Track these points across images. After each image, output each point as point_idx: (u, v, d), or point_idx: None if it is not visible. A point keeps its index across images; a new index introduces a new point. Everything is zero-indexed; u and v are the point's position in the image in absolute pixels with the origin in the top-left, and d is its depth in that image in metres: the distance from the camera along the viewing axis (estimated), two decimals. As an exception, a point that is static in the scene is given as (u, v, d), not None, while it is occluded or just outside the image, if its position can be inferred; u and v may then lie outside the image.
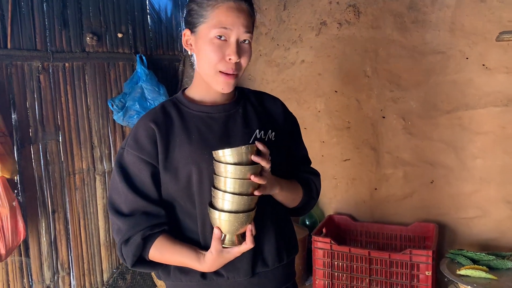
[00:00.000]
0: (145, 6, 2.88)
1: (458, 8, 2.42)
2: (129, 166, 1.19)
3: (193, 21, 1.19)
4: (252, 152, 1.09)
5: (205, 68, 1.18)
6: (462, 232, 2.55)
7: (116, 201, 1.20)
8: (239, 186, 1.08)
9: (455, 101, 2.49)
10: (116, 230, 1.20)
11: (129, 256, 1.18)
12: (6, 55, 2.20)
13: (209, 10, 1.16)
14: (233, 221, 1.08)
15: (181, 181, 1.18)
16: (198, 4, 1.18)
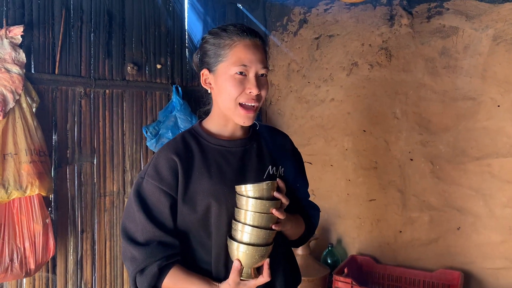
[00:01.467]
0: (184, 39, 3.02)
1: (490, 56, 2.43)
2: (148, 196, 1.22)
3: (211, 61, 1.27)
4: (273, 189, 1.15)
5: (226, 102, 1.24)
6: (488, 282, 2.47)
7: (131, 229, 1.23)
8: (260, 220, 1.13)
9: (485, 148, 2.47)
10: (129, 259, 1.21)
11: (144, 285, 1.20)
12: (54, 80, 2.35)
13: (227, 50, 1.24)
14: (253, 254, 1.12)
15: (198, 213, 1.22)
16: (215, 45, 1.27)
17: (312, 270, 2.69)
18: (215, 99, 1.30)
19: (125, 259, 1.24)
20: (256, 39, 1.26)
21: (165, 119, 2.72)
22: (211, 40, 1.29)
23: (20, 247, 2.10)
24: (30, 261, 2.12)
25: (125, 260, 1.23)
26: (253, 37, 1.26)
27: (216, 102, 1.31)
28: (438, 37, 2.61)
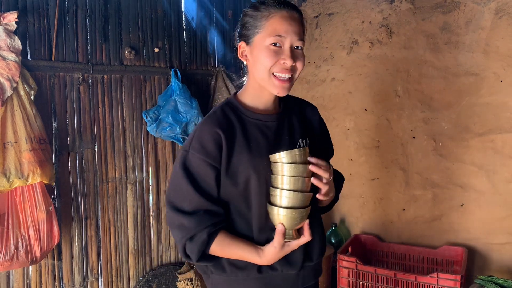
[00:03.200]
0: (182, 22, 2.98)
1: (493, 30, 2.40)
2: (194, 168, 1.26)
3: (248, 33, 1.30)
4: (305, 154, 1.22)
5: (261, 73, 1.27)
6: (492, 258, 2.48)
7: (177, 199, 1.26)
8: (297, 183, 1.20)
9: (488, 123, 2.45)
10: (178, 227, 1.25)
11: (195, 251, 1.25)
12: (50, 67, 2.32)
13: (263, 21, 1.26)
14: (294, 216, 1.20)
15: (239, 185, 1.27)
16: (252, 17, 1.29)
17: (316, 250, 2.69)
18: (250, 71, 1.34)
19: (172, 227, 1.28)
20: (293, 12, 1.28)
21: (164, 104, 2.70)
22: (249, 13, 1.32)
23: (24, 235, 2.11)
24: (35, 249, 2.13)
25: (172, 229, 1.28)
26: (290, 9, 1.28)
27: (251, 74, 1.34)
28: (439, 12, 2.57)
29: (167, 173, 2.88)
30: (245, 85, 1.39)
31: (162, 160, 2.86)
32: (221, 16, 3.25)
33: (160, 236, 2.87)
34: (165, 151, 2.87)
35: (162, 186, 2.86)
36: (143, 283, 2.73)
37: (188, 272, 2.75)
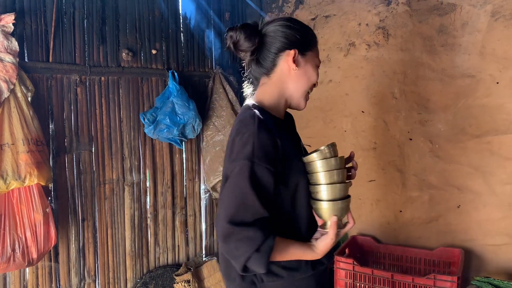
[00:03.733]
0: (179, 24, 2.98)
1: (489, 33, 2.41)
2: (260, 179, 1.23)
3: (305, 45, 1.39)
4: (334, 149, 1.35)
5: (302, 86, 1.40)
6: (489, 259, 2.49)
7: (239, 212, 1.21)
8: (341, 175, 1.33)
9: (484, 125, 2.46)
10: (240, 240, 1.19)
11: (263, 262, 1.21)
12: (48, 68, 2.32)
13: (314, 42, 1.42)
14: (344, 206, 1.33)
15: (290, 188, 1.32)
16: (307, 32, 1.41)
17: (313, 252, 2.70)
18: (284, 80, 1.39)
19: (231, 242, 1.21)
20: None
21: (162, 105, 2.70)
22: (301, 24, 1.40)
23: (21, 237, 2.10)
24: (32, 251, 2.12)
25: (232, 243, 1.21)
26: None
27: (283, 83, 1.40)
28: (435, 14, 2.58)
29: (164, 175, 2.88)
30: (264, 92, 1.42)
31: (160, 162, 2.86)
32: (219, 18, 3.26)
33: (158, 238, 2.87)
34: (163, 153, 2.88)
35: (160, 188, 2.86)
36: (140, 285, 2.73)
37: (186, 274, 2.75)
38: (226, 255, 1.26)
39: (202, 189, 3.15)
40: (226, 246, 1.22)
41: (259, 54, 1.41)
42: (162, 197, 2.88)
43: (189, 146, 3.04)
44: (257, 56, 1.41)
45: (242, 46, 1.38)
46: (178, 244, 2.99)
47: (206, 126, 3.01)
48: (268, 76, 1.41)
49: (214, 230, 3.23)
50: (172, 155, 2.94)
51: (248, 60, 1.44)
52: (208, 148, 3.01)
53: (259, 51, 1.40)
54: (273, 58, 1.38)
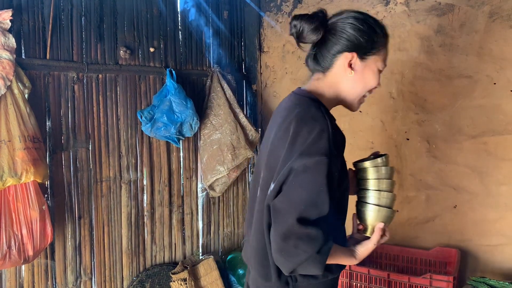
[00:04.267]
0: (177, 22, 2.98)
1: (486, 33, 2.42)
2: (333, 176, 1.18)
3: (365, 48, 1.30)
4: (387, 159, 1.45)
5: (359, 90, 1.34)
6: (484, 259, 2.50)
7: (308, 210, 1.16)
8: (391, 185, 1.39)
9: (481, 126, 2.47)
10: (307, 240, 1.14)
11: (322, 263, 1.18)
12: (45, 65, 2.31)
13: (381, 44, 1.31)
14: (391, 217, 1.37)
15: (341, 188, 1.30)
16: (377, 36, 1.30)
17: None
18: (340, 82, 1.34)
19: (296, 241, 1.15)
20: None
21: (159, 103, 2.70)
22: (371, 24, 1.32)
23: (17, 234, 2.10)
24: (28, 248, 2.12)
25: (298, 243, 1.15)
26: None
27: (340, 85, 1.35)
28: (433, 15, 2.58)
29: (161, 173, 2.88)
30: (318, 87, 1.37)
31: (157, 160, 2.86)
32: (217, 16, 3.25)
33: (154, 236, 2.86)
34: (160, 151, 2.87)
35: (157, 186, 2.86)
36: (137, 283, 2.73)
37: (182, 272, 2.75)
38: (279, 252, 1.18)
39: (199, 187, 3.15)
40: (283, 244, 1.16)
41: (318, 50, 1.35)
42: (159, 195, 2.88)
43: (186, 144, 3.04)
44: (316, 51, 1.36)
45: (305, 38, 1.32)
46: (175, 243, 2.99)
47: (203, 125, 3.01)
48: (323, 74, 1.37)
49: (210, 229, 3.23)
50: (170, 153, 2.94)
51: (307, 56, 1.41)
52: (206, 147, 3.01)
53: (319, 47, 1.35)
54: (330, 59, 1.33)
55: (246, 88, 3.47)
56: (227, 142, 2.95)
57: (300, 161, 1.17)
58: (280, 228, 1.16)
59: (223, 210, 3.33)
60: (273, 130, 1.34)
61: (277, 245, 1.18)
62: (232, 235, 3.42)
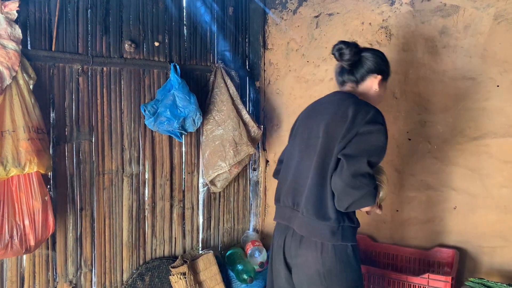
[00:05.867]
0: (182, 16, 2.98)
1: (491, 36, 2.42)
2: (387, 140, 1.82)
3: (386, 76, 2.03)
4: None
5: (374, 101, 1.99)
6: (483, 260, 2.51)
7: (374, 157, 1.77)
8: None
9: (483, 128, 2.47)
10: (370, 178, 1.75)
11: (375, 196, 1.78)
12: (50, 57, 2.32)
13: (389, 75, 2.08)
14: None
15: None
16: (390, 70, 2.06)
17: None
18: (366, 92, 2.00)
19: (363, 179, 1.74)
20: None
21: (163, 98, 2.71)
22: (388, 60, 2.03)
23: (19, 224, 2.11)
24: (30, 238, 2.13)
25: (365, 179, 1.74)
26: None
27: (365, 94, 2.00)
28: (438, 16, 2.59)
29: (163, 167, 2.89)
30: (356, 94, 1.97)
31: (159, 154, 2.87)
32: (222, 12, 3.26)
33: (155, 230, 2.88)
34: (162, 145, 2.88)
35: (158, 180, 2.87)
36: (136, 275, 2.75)
37: (182, 266, 2.77)
38: (347, 187, 1.72)
39: (201, 182, 3.16)
40: (353, 180, 1.72)
41: (354, 67, 1.96)
42: (160, 189, 2.89)
43: (188, 139, 3.05)
44: (352, 68, 1.97)
45: (345, 57, 1.93)
46: (175, 237, 3.01)
47: (206, 120, 3.02)
48: (356, 85, 2.00)
49: (211, 224, 3.25)
50: (172, 147, 2.95)
51: (341, 66, 2.02)
52: (208, 142, 3.02)
53: (354, 66, 1.96)
54: (364, 75, 1.97)
55: (250, 85, 3.48)
56: (229, 138, 2.96)
57: (365, 127, 1.77)
58: (352, 168, 1.72)
59: (223, 206, 3.35)
60: (326, 116, 1.89)
61: (345, 181, 1.72)
62: (232, 230, 3.43)
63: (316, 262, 1.83)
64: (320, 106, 2.04)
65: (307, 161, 1.92)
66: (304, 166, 1.94)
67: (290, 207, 1.98)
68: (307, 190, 1.88)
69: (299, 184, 1.94)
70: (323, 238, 1.82)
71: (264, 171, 3.56)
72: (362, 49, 1.98)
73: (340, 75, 2.05)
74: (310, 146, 1.92)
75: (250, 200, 3.60)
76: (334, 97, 2.00)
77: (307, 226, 1.87)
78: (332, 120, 1.86)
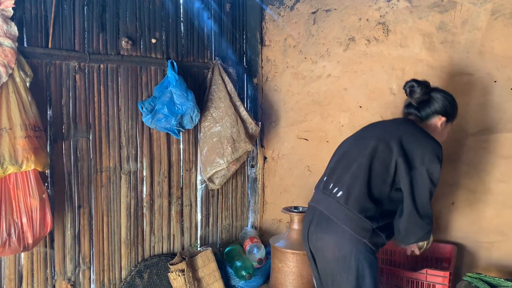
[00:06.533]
0: (179, 13, 2.97)
1: (488, 31, 2.42)
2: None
3: (451, 118, 2.12)
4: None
5: (439, 138, 2.01)
6: (481, 255, 2.52)
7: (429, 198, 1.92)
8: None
9: (481, 124, 2.48)
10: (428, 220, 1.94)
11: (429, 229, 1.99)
12: (47, 54, 2.31)
13: (455, 118, 2.16)
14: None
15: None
16: (457, 113, 2.14)
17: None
18: (430, 129, 2.07)
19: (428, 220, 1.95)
20: None
21: (160, 95, 2.70)
22: (456, 103, 2.12)
23: (17, 222, 2.10)
24: (27, 236, 2.13)
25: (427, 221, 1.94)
26: None
27: (436, 131, 2.09)
28: (436, 11, 2.59)
29: (161, 165, 2.89)
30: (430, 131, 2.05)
31: (157, 151, 2.87)
32: (219, 9, 3.25)
33: (153, 227, 2.88)
34: (160, 142, 2.88)
35: (156, 177, 2.87)
36: (135, 273, 2.75)
37: (180, 263, 2.77)
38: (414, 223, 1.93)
39: (199, 179, 3.16)
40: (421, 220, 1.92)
41: (421, 105, 2.07)
42: (158, 186, 2.89)
43: (186, 136, 3.05)
44: (419, 106, 2.08)
45: (415, 95, 2.04)
46: (173, 234, 3.01)
47: (204, 117, 3.01)
48: (420, 121, 2.09)
49: (209, 221, 3.25)
50: (170, 145, 2.94)
51: (409, 103, 2.13)
52: (206, 139, 3.02)
53: (422, 104, 2.07)
54: (430, 114, 2.07)
55: (247, 82, 3.47)
56: (227, 135, 2.96)
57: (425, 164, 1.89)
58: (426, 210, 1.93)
59: (221, 203, 3.35)
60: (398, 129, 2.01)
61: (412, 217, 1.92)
62: (230, 227, 3.43)
63: (334, 246, 1.92)
64: (387, 122, 2.26)
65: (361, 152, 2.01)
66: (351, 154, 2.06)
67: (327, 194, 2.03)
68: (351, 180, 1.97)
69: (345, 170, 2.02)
70: (354, 230, 1.88)
71: (262, 168, 3.56)
72: (432, 89, 2.08)
73: (407, 108, 2.17)
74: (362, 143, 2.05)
75: (248, 197, 3.60)
76: (403, 119, 2.15)
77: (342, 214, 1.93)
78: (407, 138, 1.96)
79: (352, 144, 2.13)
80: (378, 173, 1.93)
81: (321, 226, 1.98)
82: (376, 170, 1.93)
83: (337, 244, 1.90)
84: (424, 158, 1.88)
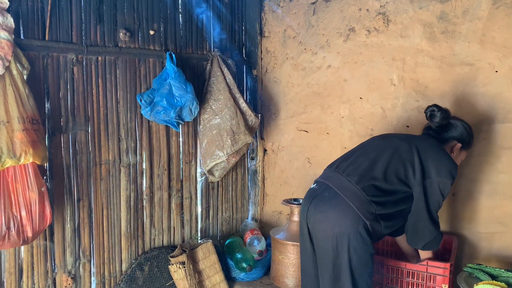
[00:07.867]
0: (178, 5, 2.95)
1: (489, 20, 2.39)
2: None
3: (467, 146, 2.25)
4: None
5: (457, 162, 2.11)
6: (482, 246, 2.52)
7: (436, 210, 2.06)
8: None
9: (481, 114, 2.46)
10: (436, 225, 2.08)
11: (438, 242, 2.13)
12: (44, 46, 2.29)
13: (471, 146, 2.29)
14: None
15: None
16: (473, 142, 2.28)
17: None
18: (449, 153, 2.17)
19: (436, 225, 2.07)
20: None
21: (159, 87, 2.68)
22: (473, 133, 2.26)
23: (16, 215, 2.10)
24: (27, 229, 2.13)
25: (435, 226, 2.07)
26: None
27: (451, 155, 2.16)
28: (436, 1, 2.56)
29: (160, 157, 2.88)
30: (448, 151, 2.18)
31: (156, 144, 2.86)
32: (218, 0, 3.22)
33: (153, 220, 2.87)
34: (159, 135, 2.87)
35: (156, 170, 2.86)
36: (135, 265, 2.75)
37: (180, 256, 2.77)
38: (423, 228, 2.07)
39: (199, 172, 3.15)
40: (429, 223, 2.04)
41: (440, 129, 2.21)
42: (158, 179, 2.88)
43: (185, 129, 3.03)
44: (438, 129, 2.21)
45: (435, 119, 2.17)
46: (174, 226, 3.00)
47: (203, 109, 3.00)
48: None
49: (209, 213, 3.24)
50: (169, 137, 2.93)
51: (429, 126, 2.26)
52: (205, 131, 3.01)
53: (440, 128, 2.20)
54: (447, 139, 2.20)
55: (247, 73, 3.45)
56: (226, 127, 2.94)
57: (440, 177, 2.00)
58: (432, 220, 2.06)
59: (221, 195, 3.34)
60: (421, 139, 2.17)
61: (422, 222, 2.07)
62: (231, 219, 3.43)
63: (335, 221, 1.94)
64: (409, 135, 2.28)
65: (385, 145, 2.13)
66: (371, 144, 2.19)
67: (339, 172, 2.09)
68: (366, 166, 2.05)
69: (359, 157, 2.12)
70: (359, 208, 1.92)
71: (262, 160, 3.55)
72: (452, 117, 2.21)
73: (426, 130, 2.29)
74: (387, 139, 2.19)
75: (249, 189, 3.59)
76: (423, 135, 2.29)
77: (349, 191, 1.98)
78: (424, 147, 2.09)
79: (374, 140, 2.24)
80: (394, 168, 2.02)
81: (325, 200, 2.01)
82: (394, 165, 2.02)
83: (339, 218, 1.93)
84: (441, 171, 2.00)
